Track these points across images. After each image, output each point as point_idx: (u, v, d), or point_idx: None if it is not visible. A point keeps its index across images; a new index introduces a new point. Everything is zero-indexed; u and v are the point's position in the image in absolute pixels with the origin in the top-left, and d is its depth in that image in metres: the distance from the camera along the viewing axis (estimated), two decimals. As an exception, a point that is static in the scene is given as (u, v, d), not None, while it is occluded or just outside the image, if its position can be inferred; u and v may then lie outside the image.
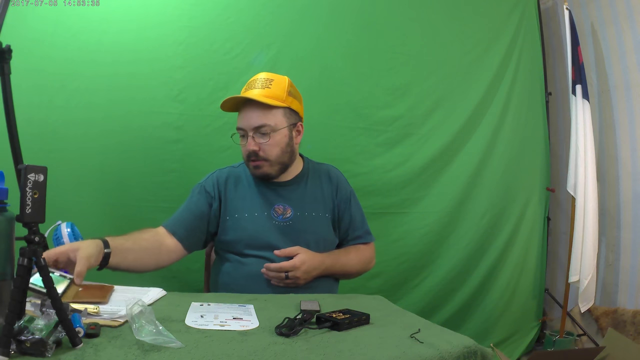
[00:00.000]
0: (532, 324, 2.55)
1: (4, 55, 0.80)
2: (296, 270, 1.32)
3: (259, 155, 1.38)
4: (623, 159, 2.37)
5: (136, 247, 1.25)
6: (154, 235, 1.34)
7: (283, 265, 1.32)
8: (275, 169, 1.41)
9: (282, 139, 1.40)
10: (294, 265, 1.32)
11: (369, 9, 2.20)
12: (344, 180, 1.57)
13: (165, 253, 1.34)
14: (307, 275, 1.34)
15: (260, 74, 1.44)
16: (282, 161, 1.41)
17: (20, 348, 0.66)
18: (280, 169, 1.42)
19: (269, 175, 1.41)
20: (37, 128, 1.72)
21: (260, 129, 1.36)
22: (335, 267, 1.42)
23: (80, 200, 1.77)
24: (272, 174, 1.41)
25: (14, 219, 0.73)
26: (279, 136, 1.38)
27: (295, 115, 1.44)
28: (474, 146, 2.38)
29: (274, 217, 1.42)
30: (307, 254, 1.35)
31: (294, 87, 1.45)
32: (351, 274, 1.49)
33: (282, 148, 1.40)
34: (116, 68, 1.82)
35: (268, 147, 1.38)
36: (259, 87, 1.39)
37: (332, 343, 0.83)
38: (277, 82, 1.40)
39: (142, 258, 1.27)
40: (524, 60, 2.53)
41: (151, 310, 0.81)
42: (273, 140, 1.37)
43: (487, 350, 0.87)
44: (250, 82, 1.43)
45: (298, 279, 1.32)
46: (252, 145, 1.37)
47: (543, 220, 2.58)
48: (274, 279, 1.33)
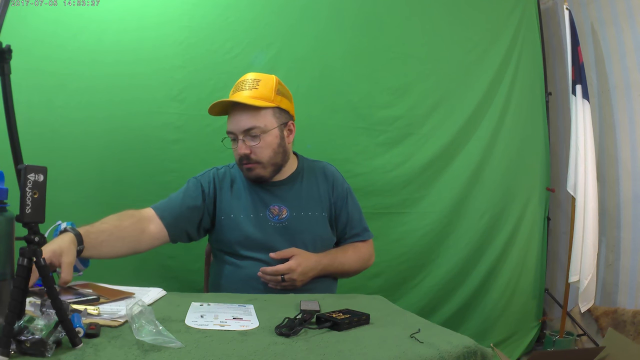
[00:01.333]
0: (532, 324, 2.55)
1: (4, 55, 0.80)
2: (292, 273, 1.31)
3: (251, 159, 1.36)
4: (623, 159, 2.37)
5: (112, 238, 1.21)
6: (137, 222, 1.30)
7: (279, 269, 1.31)
8: (268, 170, 1.40)
9: (273, 140, 1.38)
10: (289, 268, 1.31)
11: (369, 9, 2.20)
12: (340, 177, 1.55)
13: (145, 240, 1.31)
14: (304, 277, 1.33)
15: (247, 75, 1.42)
16: (275, 162, 1.40)
17: (20, 348, 0.66)
18: (273, 170, 1.41)
19: (262, 178, 1.40)
20: (37, 128, 1.72)
21: (250, 131, 1.35)
22: (332, 267, 1.41)
23: (80, 200, 1.77)
24: (266, 176, 1.40)
25: (14, 219, 0.73)
26: (269, 137, 1.37)
27: (286, 114, 1.42)
28: (474, 146, 2.38)
29: (270, 218, 1.40)
30: (302, 256, 1.34)
31: (282, 86, 1.43)
32: (349, 272, 1.48)
33: (274, 149, 1.39)
34: (116, 68, 1.82)
35: (259, 150, 1.36)
36: (247, 88, 1.37)
37: (332, 343, 0.83)
38: (264, 82, 1.38)
39: (117, 248, 1.24)
40: (524, 60, 2.53)
41: (151, 310, 0.81)
42: (264, 142, 1.36)
43: (487, 350, 0.87)
44: (238, 83, 1.41)
45: (295, 281, 1.31)
46: (243, 148, 1.36)
47: (543, 220, 2.58)
48: (270, 282, 1.32)
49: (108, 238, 1.20)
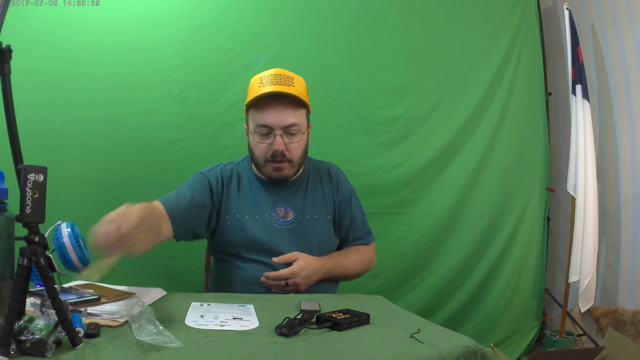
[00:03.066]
0: (532, 324, 2.55)
1: (4, 55, 0.80)
2: (296, 277, 1.28)
3: (285, 156, 1.31)
4: (623, 159, 2.37)
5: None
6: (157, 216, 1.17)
7: (282, 273, 1.28)
8: (294, 170, 1.37)
9: (305, 141, 1.36)
10: (293, 272, 1.28)
11: (369, 8, 2.20)
12: (344, 179, 1.54)
13: (160, 237, 1.19)
14: (308, 281, 1.31)
15: (279, 70, 1.34)
16: (300, 163, 1.38)
17: (20, 348, 0.66)
18: (296, 171, 1.38)
19: (287, 178, 1.36)
20: (37, 128, 1.71)
21: (290, 127, 1.30)
22: (336, 270, 1.39)
23: (80, 200, 1.77)
24: (290, 176, 1.36)
25: (14, 219, 0.73)
26: (304, 137, 1.34)
27: (308, 117, 1.41)
28: (474, 146, 2.38)
29: (275, 219, 1.37)
30: (305, 259, 1.31)
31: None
32: (352, 275, 1.47)
33: (304, 150, 1.36)
34: (116, 68, 1.82)
35: (294, 148, 1.32)
36: (285, 84, 1.30)
37: (332, 343, 0.82)
38: (298, 81, 1.34)
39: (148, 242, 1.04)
40: (524, 60, 2.53)
41: (151, 310, 0.81)
42: (301, 141, 1.33)
43: (487, 350, 0.87)
44: (273, 77, 1.31)
45: (298, 285, 1.29)
46: (281, 144, 1.29)
47: (543, 220, 2.58)
48: (274, 287, 1.30)
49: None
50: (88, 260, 1.20)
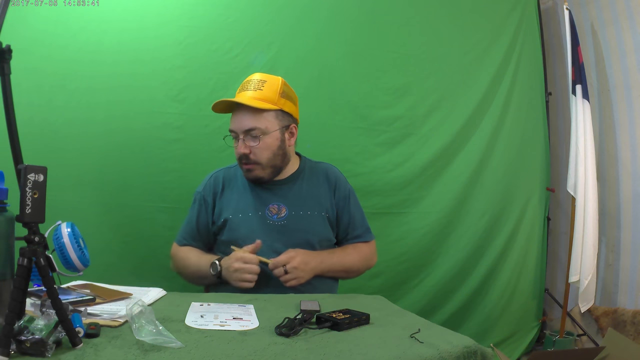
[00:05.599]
0: (532, 324, 2.55)
1: (4, 55, 0.80)
2: (293, 261, 1.31)
3: (250, 159, 1.39)
4: (623, 159, 2.37)
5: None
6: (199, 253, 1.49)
7: (278, 260, 1.31)
8: (267, 172, 1.41)
9: (274, 142, 1.39)
10: (289, 257, 1.32)
11: (369, 9, 2.20)
12: (342, 179, 1.56)
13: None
14: (306, 267, 1.33)
15: (254, 75, 1.44)
16: (274, 164, 1.42)
17: (20, 348, 0.66)
18: (272, 172, 1.42)
19: (261, 179, 1.42)
20: (37, 128, 1.71)
21: (250, 132, 1.37)
22: (332, 261, 1.42)
23: (80, 200, 1.77)
24: (264, 177, 1.42)
25: (14, 219, 0.73)
26: (269, 139, 1.38)
27: (289, 117, 1.43)
28: (474, 146, 2.37)
29: (269, 216, 1.42)
30: (298, 250, 1.36)
31: (288, 88, 1.44)
32: (351, 270, 1.49)
33: (274, 151, 1.40)
34: (116, 68, 1.82)
35: (258, 151, 1.38)
36: (252, 88, 1.39)
37: (332, 343, 0.83)
38: (269, 84, 1.39)
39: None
40: (524, 60, 2.53)
41: (151, 310, 0.81)
42: (264, 143, 1.38)
43: (487, 350, 0.87)
44: (244, 83, 1.43)
45: (297, 270, 1.31)
46: (243, 148, 1.38)
47: (543, 220, 2.58)
48: (277, 277, 1.32)
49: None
50: (88, 260, 1.20)
